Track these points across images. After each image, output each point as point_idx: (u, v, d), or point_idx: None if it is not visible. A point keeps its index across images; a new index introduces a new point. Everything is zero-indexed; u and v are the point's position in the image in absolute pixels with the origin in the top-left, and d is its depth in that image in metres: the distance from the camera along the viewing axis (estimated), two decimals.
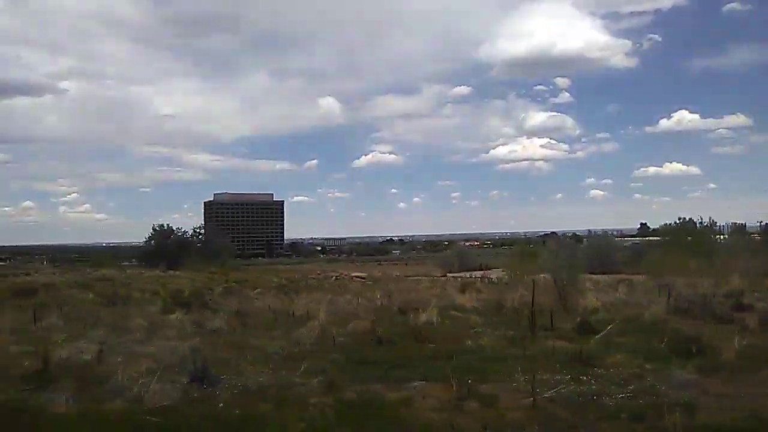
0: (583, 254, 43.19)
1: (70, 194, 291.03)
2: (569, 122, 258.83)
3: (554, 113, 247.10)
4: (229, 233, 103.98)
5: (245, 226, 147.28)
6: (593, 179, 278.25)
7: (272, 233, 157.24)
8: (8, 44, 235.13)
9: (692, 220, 33.33)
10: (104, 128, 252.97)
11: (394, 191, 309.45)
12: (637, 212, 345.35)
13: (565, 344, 9.56)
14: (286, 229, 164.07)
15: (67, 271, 48.28)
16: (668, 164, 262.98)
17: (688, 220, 33.55)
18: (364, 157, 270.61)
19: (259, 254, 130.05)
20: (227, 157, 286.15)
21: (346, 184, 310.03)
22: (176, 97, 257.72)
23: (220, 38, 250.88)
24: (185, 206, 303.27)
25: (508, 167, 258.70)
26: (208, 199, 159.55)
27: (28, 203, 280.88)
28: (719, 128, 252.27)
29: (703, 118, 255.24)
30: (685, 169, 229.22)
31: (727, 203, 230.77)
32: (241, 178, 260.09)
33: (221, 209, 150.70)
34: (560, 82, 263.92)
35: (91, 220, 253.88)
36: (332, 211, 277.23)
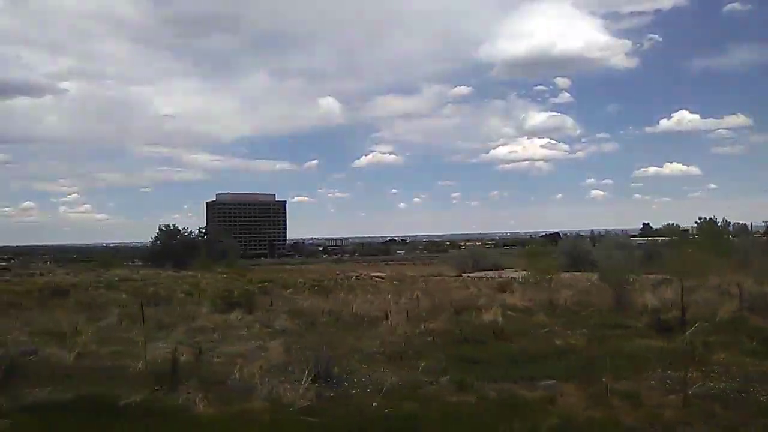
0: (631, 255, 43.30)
1: (70, 194, 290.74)
2: (569, 122, 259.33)
3: (554, 113, 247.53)
4: (231, 233, 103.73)
5: (247, 226, 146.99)
6: (593, 179, 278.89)
7: (274, 233, 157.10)
8: (8, 44, 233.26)
9: (714, 220, 33.52)
10: (104, 128, 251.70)
11: (394, 191, 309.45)
12: (637, 212, 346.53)
13: (651, 342, 9.63)
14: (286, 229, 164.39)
15: (80, 271, 48.12)
16: (668, 164, 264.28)
17: (709, 220, 33.72)
18: (364, 157, 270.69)
19: (261, 254, 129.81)
20: (227, 157, 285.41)
21: (346, 184, 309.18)
22: (176, 97, 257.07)
23: (220, 38, 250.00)
24: (185, 206, 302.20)
25: (508, 167, 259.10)
26: (208, 199, 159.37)
27: (28, 203, 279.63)
28: (719, 128, 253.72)
29: (703, 118, 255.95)
30: (685, 169, 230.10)
31: (727, 203, 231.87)
32: (241, 178, 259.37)
33: (223, 209, 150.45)
34: (560, 82, 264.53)
35: (91, 220, 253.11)
36: (332, 211, 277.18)
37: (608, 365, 7.61)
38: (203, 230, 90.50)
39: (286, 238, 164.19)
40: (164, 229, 79.60)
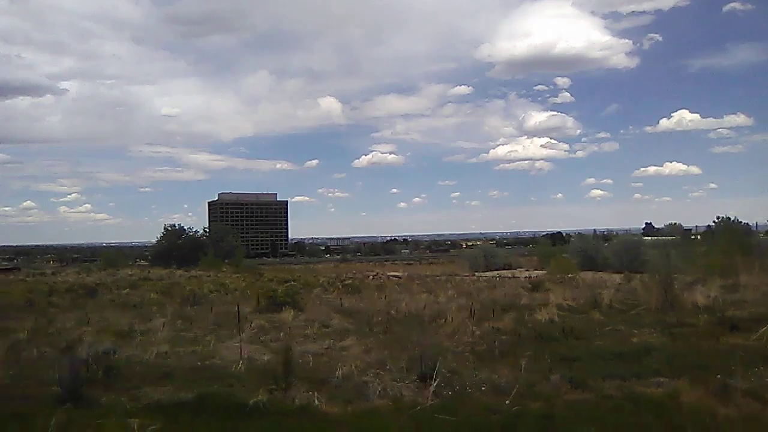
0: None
1: (70, 194, 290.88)
2: (569, 122, 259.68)
3: (554, 113, 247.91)
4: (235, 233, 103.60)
5: (249, 225, 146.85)
6: (593, 179, 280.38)
7: (276, 233, 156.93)
8: (8, 44, 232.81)
9: (736, 219, 33.62)
10: (104, 128, 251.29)
11: (394, 191, 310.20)
12: (637, 212, 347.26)
13: (728, 340, 9.63)
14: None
15: (92, 271, 47.95)
16: (668, 164, 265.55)
17: (731, 219, 33.82)
18: (364, 157, 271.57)
19: (263, 254, 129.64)
20: (227, 157, 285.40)
21: (346, 184, 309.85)
22: (177, 96, 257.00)
23: (220, 38, 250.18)
24: (185, 206, 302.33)
25: (508, 167, 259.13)
26: (208, 199, 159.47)
27: (28, 203, 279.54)
28: (720, 128, 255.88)
29: (703, 117, 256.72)
30: (685, 168, 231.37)
31: (727, 203, 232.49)
32: (241, 178, 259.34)
33: (225, 209, 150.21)
34: (560, 81, 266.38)
35: (91, 220, 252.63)
36: (332, 211, 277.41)
37: (709, 362, 7.69)
38: (206, 230, 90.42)
39: (288, 237, 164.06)
40: (170, 228, 79.49)
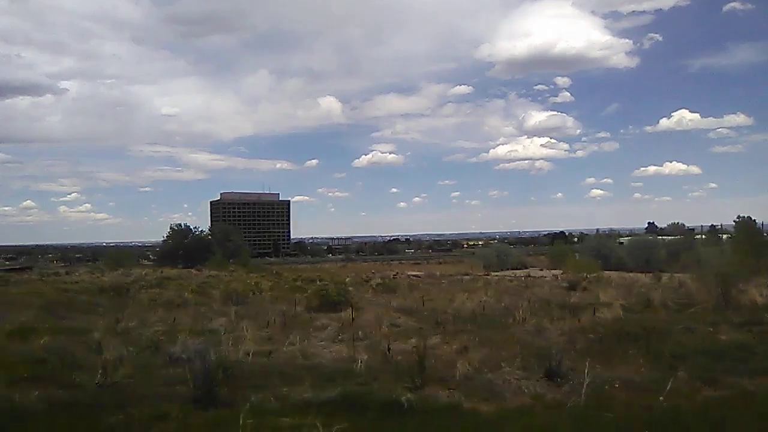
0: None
1: (70, 194, 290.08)
2: (569, 122, 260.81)
3: (554, 113, 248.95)
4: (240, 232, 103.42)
5: (251, 225, 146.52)
6: (593, 179, 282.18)
7: (278, 233, 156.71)
8: (8, 44, 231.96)
9: (753, 219, 33.82)
10: (104, 128, 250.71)
11: (394, 191, 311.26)
12: (637, 212, 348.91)
13: None
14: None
15: (105, 270, 47.64)
16: (669, 164, 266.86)
17: (750, 219, 33.99)
18: (364, 156, 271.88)
19: (265, 254, 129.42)
20: (227, 156, 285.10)
21: (346, 183, 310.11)
22: (177, 96, 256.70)
23: (220, 38, 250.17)
24: (185, 206, 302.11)
25: (508, 167, 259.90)
26: (208, 198, 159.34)
27: (28, 203, 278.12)
28: (720, 128, 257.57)
29: (703, 117, 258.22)
30: (685, 168, 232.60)
31: (727, 203, 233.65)
32: (241, 177, 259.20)
33: (227, 208, 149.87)
34: (560, 81, 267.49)
35: (91, 219, 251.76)
36: (332, 210, 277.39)
37: None
38: (212, 229, 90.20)
39: (290, 237, 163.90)
40: (176, 228, 79.39)
